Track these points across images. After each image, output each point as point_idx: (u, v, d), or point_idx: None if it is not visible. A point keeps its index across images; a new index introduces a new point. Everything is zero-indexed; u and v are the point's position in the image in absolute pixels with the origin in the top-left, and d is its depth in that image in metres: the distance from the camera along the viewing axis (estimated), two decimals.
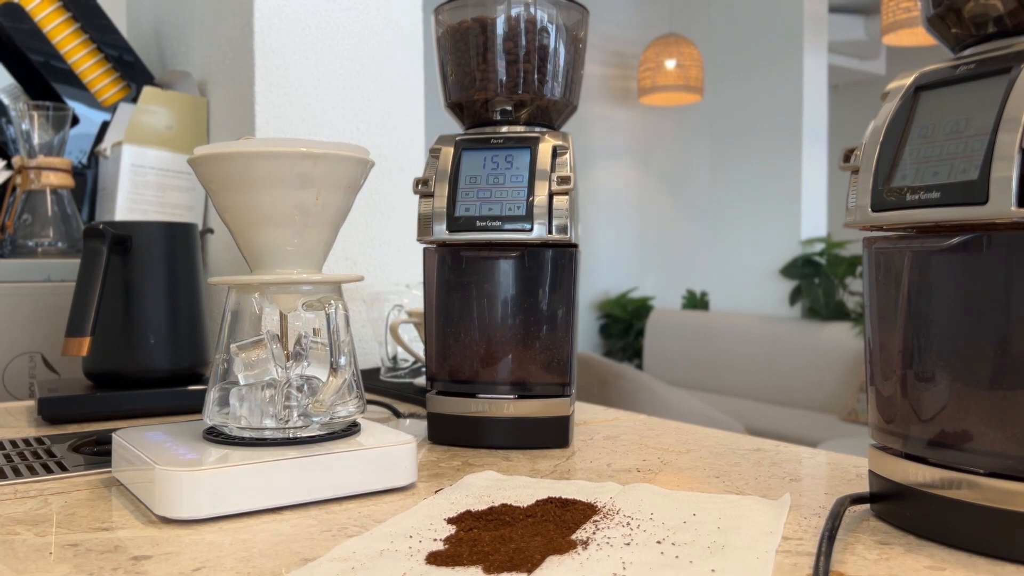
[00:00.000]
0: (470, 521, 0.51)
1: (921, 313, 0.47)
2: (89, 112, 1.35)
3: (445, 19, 0.79)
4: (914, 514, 0.48)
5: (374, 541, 0.48)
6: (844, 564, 0.45)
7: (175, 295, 0.94)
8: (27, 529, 0.52)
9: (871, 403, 0.51)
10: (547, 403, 0.74)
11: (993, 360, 0.43)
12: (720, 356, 3.88)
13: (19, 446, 0.74)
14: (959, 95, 0.46)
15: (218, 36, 1.26)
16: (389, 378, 1.08)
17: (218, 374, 0.61)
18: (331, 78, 1.22)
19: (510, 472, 0.65)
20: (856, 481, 0.62)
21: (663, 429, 0.82)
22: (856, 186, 0.50)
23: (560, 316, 0.75)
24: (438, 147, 0.76)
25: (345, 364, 0.58)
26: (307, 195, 0.60)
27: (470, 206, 0.73)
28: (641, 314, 4.66)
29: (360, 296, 1.20)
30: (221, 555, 0.47)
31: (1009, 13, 0.45)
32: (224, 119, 1.27)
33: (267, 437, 0.59)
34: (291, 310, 0.61)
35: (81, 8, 1.36)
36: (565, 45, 0.78)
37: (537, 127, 0.78)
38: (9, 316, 1.09)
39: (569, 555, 0.45)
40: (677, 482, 0.62)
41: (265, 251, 0.61)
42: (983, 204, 0.42)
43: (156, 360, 0.93)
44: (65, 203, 1.22)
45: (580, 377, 2.47)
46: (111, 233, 0.88)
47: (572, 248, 0.76)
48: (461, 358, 0.76)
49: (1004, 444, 0.43)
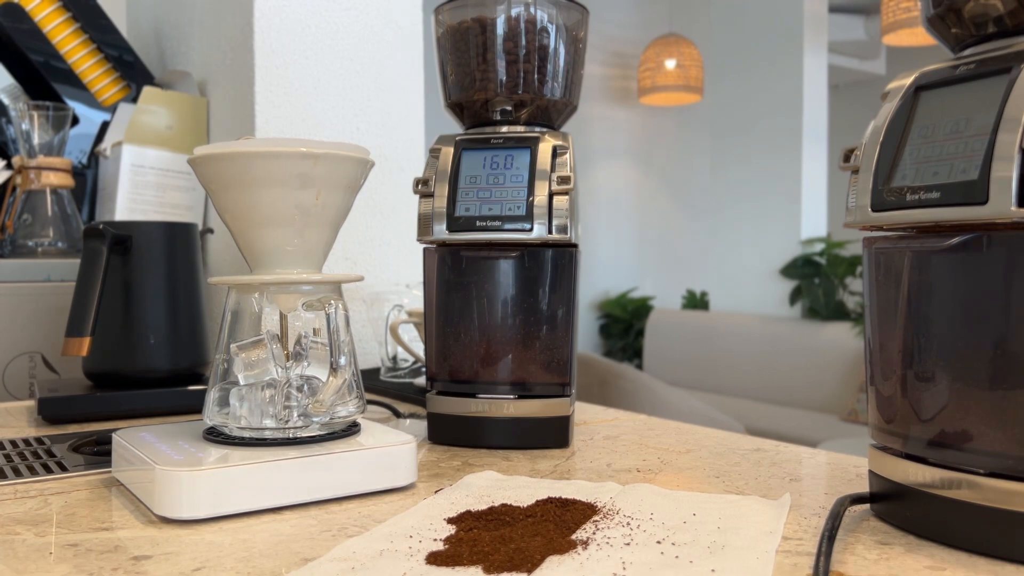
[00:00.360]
0: (470, 521, 0.51)
1: (921, 313, 0.47)
2: (89, 112, 1.35)
3: (445, 19, 0.79)
4: (914, 514, 0.48)
5: (374, 541, 0.48)
6: (844, 564, 0.45)
7: (175, 295, 0.94)
8: (27, 529, 0.52)
9: (871, 403, 0.51)
10: (547, 403, 0.74)
11: (993, 360, 0.43)
12: (720, 356, 3.88)
13: (19, 446, 0.74)
14: (959, 95, 0.46)
15: (218, 36, 1.26)
16: (389, 378, 1.08)
17: (218, 374, 0.61)
18: (331, 78, 1.22)
19: (510, 472, 0.65)
20: (856, 481, 0.62)
21: (663, 429, 0.82)
22: (856, 186, 0.50)
23: (560, 316, 0.75)
24: (438, 147, 0.76)
25: (345, 364, 0.58)
26: (307, 195, 0.60)
27: (470, 206, 0.73)
28: (641, 314, 4.66)
29: (360, 296, 1.20)
30: (221, 555, 0.47)
31: (1009, 13, 0.45)
32: (224, 119, 1.27)
33: (267, 437, 0.59)
34: (291, 310, 0.61)
35: (81, 8, 1.36)
36: (565, 45, 0.78)
37: (537, 127, 0.78)
38: (9, 316, 1.09)
39: (569, 555, 0.45)
40: (677, 482, 0.62)
41: (265, 251, 0.61)
42: (983, 204, 0.42)
43: (156, 360, 0.93)
44: (65, 203, 1.22)
45: (580, 377, 2.47)
46: (111, 233, 0.88)
47: (572, 248, 0.76)
48: (461, 358, 0.76)
49: (1004, 444, 0.43)
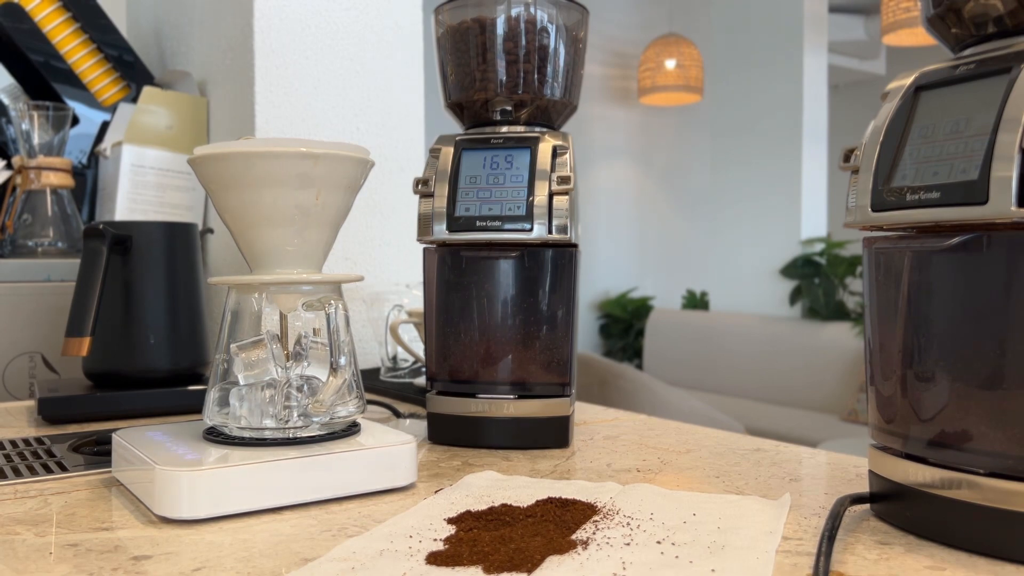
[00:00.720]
0: (470, 521, 0.51)
1: (921, 313, 0.47)
2: (89, 112, 1.35)
3: (445, 19, 0.79)
4: (914, 514, 0.48)
5: (374, 541, 0.48)
6: (844, 564, 0.45)
7: (175, 295, 0.94)
8: (27, 529, 0.52)
9: (871, 403, 0.51)
10: (547, 403, 0.74)
11: (993, 360, 0.43)
12: (720, 356, 3.88)
13: (19, 446, 0.74)
14: (959, 95, 0.46)
15: (218, 36, 1.26)
16: (389, 378, 1.08)
17: (218, 374, 0.61)
18: (331, 78, 1.22)
19: (510, 472, 0.65)
20: (856, 481, 0.62)
21: (663, 429, 0.82)
22: (856, 186, 0.50)
23: (560, 316, 0.75)
24: (438, 147, 0.76)
25: (345, 364, 0.58)
26: (307, 195, 0.60)
27: (470, 206, 0.73)
28: (641, 314, 4.66)
29: (360, 296, 1.20)
30: (221, 555, 0.47)
31: (1009, 13, 0.45)
32: (224, 119, 1.27)
33: (267, 437, 0.59)
34: (291, 310, 0.61)
35: (81, 8, 1.36)
36: (565, 45, 0.78)
37: (537, 127, 0.78)
38: (9, 316, 1.09)
39: (569, 555, 0.45)
40: (677, 482, 0.62)
41: (265, 251, 0.61)
42: (983, 204, 0.42)
43: (156, 360, 0.93)
44: (65, 203, 1.22)
45: (580, 377, 2.47)
46: (111, 233, 0.88)
47: (572, 248, 0.76)
48: (461, 358, 0.76)
49: (1004, 444, 0.43)
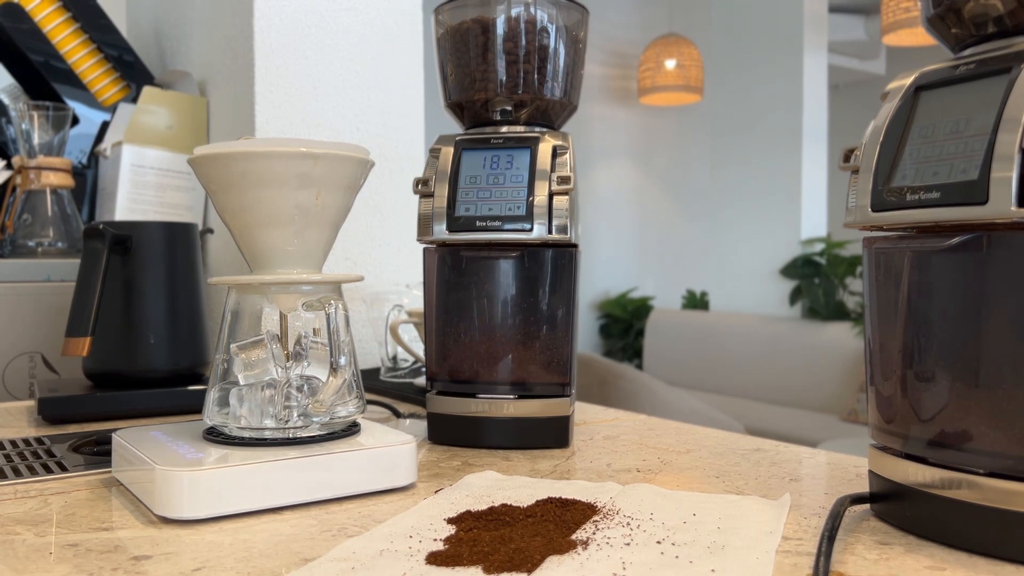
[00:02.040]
0: (470, 521, 0.51)
1: (921, 313, 0.47)
2: (89, 112, 1.35)
3: (445, 19, 0.79)
4: (914, 514, 0.48)
5: (374, 541, 0.48)
6: (844, 564, 0.45)
7: (175, 295, 0.94)
8: (27, 529, 0.52)
9: (871, 403, 0.51)
10: (547, 403, 0.74)
11: (993, 360, 0.43)
12: (720, 356, 3.88)
13: (19, 446, 0.74)
14: (959, 95, 0.46)
15: (218, 36, 1.26)
16: (389, 378, 1.08)
17: (218, 374, 0.61)
18: (331, 78, 1.22)
19: (510, 472, 0.65)
20: (856, 481, 0.62)
21: (663, 429, 0.82)
22: (856, 186, 0.50)
23: (560, 316, 0.75)
24: (438, 147, 0.76)
25: (345, 364, 0.58)
26: (307, 195, 0.60)
27: (470, 206, 0.73)
28: (641, 314, 4.66)
29: (360, 296, 1.20)
30: (221, 555, 0.47)
31: (1009, 13, 0.45)
32: (224, 119, 1.27)
33: (267, 437, 0.59)
34: (291, 310, 0.61)
35: (81, 8, 1.36)
36: (565, 45, 0.78)
37: (537, 127, 0.78)
38: (9, 316, 1.09)
39: (569, 555, 0.45)
40: (677, 482, 0.62)
41: (265, 251, 0.61)
42: (983, 204, 0.42)
43: (156, 360, 0.93)
44: (65, 203, 1.22)
45: (580, 377, 2.47)
46: (111, 233, 0.88)
47: (572, 248, 0.76)
48: (461, 358, 0.76)
49: (1004, 444, 0.43)
